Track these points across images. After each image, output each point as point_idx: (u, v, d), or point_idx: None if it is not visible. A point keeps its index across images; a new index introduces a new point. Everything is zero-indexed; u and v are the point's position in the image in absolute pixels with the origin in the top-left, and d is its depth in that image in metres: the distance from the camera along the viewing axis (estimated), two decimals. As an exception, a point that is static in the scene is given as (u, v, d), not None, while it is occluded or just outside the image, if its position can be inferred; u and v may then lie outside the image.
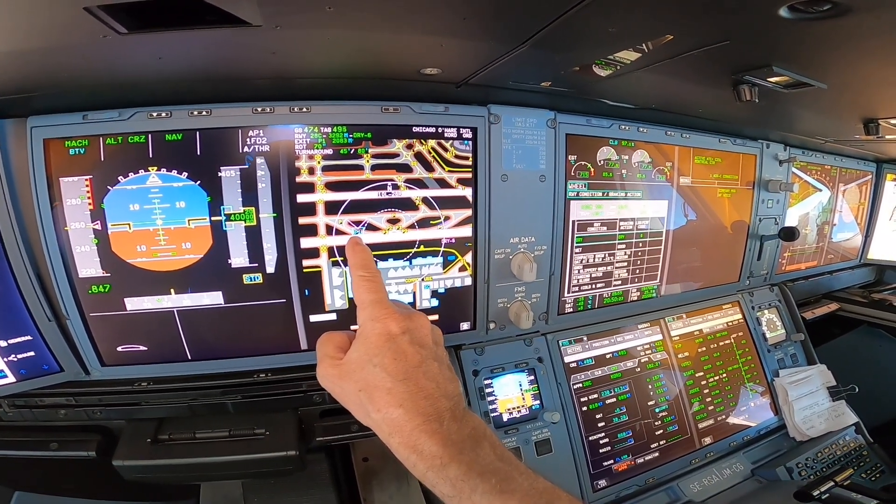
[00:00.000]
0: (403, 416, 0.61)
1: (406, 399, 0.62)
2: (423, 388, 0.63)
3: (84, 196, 1.03)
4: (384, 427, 0.62)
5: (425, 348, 0.67)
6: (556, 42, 0.84)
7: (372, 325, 0.67)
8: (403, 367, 0.64)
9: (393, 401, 0.61)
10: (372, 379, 0.63)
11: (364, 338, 0.67)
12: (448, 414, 0.62)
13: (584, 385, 1.52)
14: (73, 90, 0.93)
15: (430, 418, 0.61)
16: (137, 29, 0.68)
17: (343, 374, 0.66)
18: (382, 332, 0.66)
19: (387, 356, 0.64)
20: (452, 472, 0.59)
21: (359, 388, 0.64)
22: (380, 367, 0.63)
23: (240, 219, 1.10)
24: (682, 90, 1.19)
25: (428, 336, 0.69)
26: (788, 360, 1.96)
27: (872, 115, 1.41)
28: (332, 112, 1.13)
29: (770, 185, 1.87)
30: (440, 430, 0.60)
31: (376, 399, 0.62)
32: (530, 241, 1.38)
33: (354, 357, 0.66)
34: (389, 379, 0.63)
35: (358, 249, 0.75)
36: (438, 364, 0.67)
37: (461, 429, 0.62)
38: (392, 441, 0.62)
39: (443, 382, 0.65)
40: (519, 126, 1.30)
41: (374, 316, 0.67)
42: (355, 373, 0.65)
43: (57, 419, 1.21)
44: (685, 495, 1.51)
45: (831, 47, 0.84)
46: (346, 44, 0.83)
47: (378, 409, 0.62)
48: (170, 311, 1.12)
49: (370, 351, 0.65)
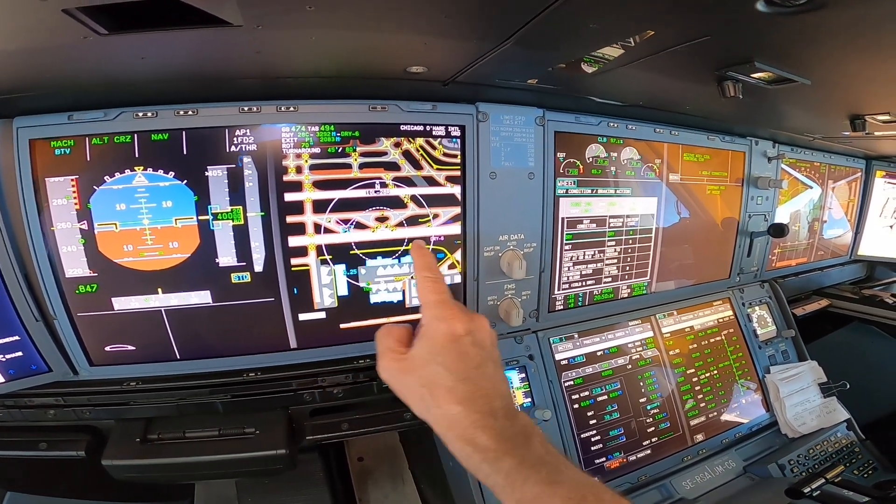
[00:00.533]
0: (462, 412, 0.65)
1: (465, 397, 0.66)
2: (482, 388, 0.68)
3: (70, 196, 1.03)
4: (442, 422, 0.67)
5: (485, 350, 0.72)
6: (539, 39, 0.84)
7: (437, 324, 0.71)
8: (465, 367, 0.68)
9: (453, 398, 0.66)
10: (435, 377, 0.68)
11: (429, 336, 0.71)
12: (502, 412, 0.67)
13: (575, 382, 1.53)
14: (58, 91, 0.94)
15: (485, 415, 0.65)
16: (117, 30, 0.68)
17: (406, 370, 0.71)
18: (448, 332, 0.70)
19: (450, 356, 0.69)
20: (506, 464, 0.63)
21: (421, 385, 0.69)
22: (443, 366, 0.68)
23: (227, 218, 1.10)
24: (668, 86, 1.19)
25: (487, 338, 0.74)
26: (779, 356, 1.96)
27: (858, 111, 1.42)
28: (320, 111, 1.13)
29: (759, 182, 1.87)
30: (495, 426, 0.65)
31: (437, 396, 0.67)
32: (520, 239, 1.38)
33: (419, 354, 0.71)
34: (451, 377, 0.67)
35: (422, 252, 0.81)
36: (494, 366, 0.72)
37: (513, 425, 0.67)
38: (449, 435, 0.66)
39: (498, 383, 0.71)
40: (507, 124, 1.30)
41: (441, 316, 0.72)
42: (419, 369, 0.70)
43: (46, 419, 1.20)
44: (677, 493, 1.51)
45: (811, 42, 0.84)
46: (329, 43, 0.84)
47: (438, 406, 0.67)
48: (157, 311, 1.12)
49: (435, 349, 0.70)
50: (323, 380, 1.28)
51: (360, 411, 1.34)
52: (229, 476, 1.59)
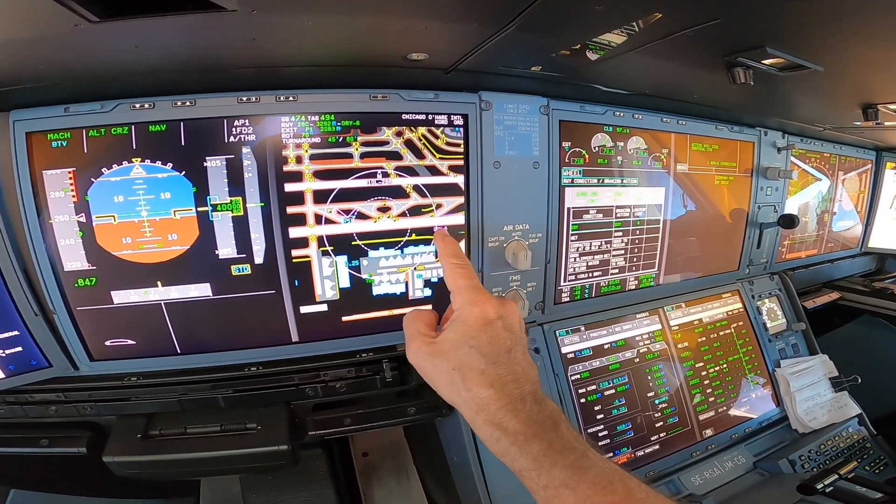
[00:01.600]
0: (492, 396, 0.66)
1: (496, 381, 0.67)
2: (512, 372, 0.68)
3: (68, 189, 1.01)
4: (472, 405, 0.67)
5: (515, 334, 0.72)
6: (542, 22, 0.82)
7: (470, 308, 0.72)
8: (496, 350, 0.69)
9: (484, 381, 0.67)
10: (467, 360, 0.69)
11: (462, 320, 0.71)
12: (531, 397, 0.67)
13: (581, 376, 1.50)
14: (53, 83, 0.92)
15: (514, 399, 0.66)
16: (108, 17, 0.67)
17: (437, 353, 0.72)
18: (481, 317, 0.71)
19: (483, 339, 0.69)
20: (535, 447, 0.63)
21: (452, 368, 0.69)
22: (475, 350, 0.69)
23: (226, 209, 1.09)
24: (676, 74, 1.16)
25: (517, 323, 0.74)
26: (790, 350, 1.93)
27: (871, 99, 1.39)
28: (320, 100, 1.11)
29: (769, 173, 1.84)
30: (524, 410, 0.65)
31: (469, 379, 0.67)
32: (524, 229, 1.36)
33: (451, 337, 0.71)
34: (483, 361, 0.68)
35: (448, 240, 0.82)
36: (523, 351, 0.73)
37: (542, 410, 0.67)
38: (478, 418, 0.67)
39: (527, 368, 0.71)
40: (511, 112, 1.28)
41: (473, 300, 0.72)
42: (450, 352, 0.70)
43: (47, 415, 1.20)
44: (686, 489, 1.49)
45: (825, 27, 0.82)
46: (326, 28, 0.82)
47: (469, 389, 0.67)
48: (157, 304, 1.11)
49: (468, 333, 0.70)
50: (325, 374, 1.27)
51: (363, 406, 1.32)
52: (231, 472, 1.58)
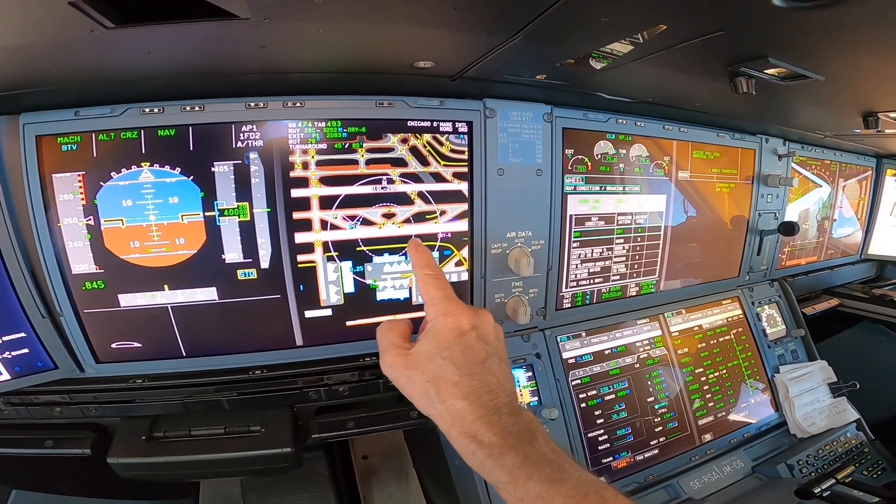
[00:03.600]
0: (467, 408, 0.65)
1: (470, 392, 0.66)
2: (487, 384, 0.67)
3: (77, 192, 1.02)
4: (447, 417, 0.66)
5: (489, 345, 0.72)
6: (549, 33, 0.83)
7: (444, 320, 0.71)
8: (470, 362, 0.68)
9: (458, 393, 0.66)
10: (440, 372, 0.68)
11: (435, 332, 0.71)
12: (506, 408, 0.67)
13: (582, 381, 1.51)
14: (64, 86, 0.93)
15: (490, 411, 0.65)
16: (124, 23, 0.67)
17: (411, 365, 0.71)
18: (454, 328, 0.70)
19: (456, 351, 0.69)
20: (510, 460, 0.62)
21: (427, 380, 0.68)
22: (449, 361, 0.68)
23: (233, 214, 1.10)
24: (679, 83, 1.17)
25: (492, 333, 0.74)
26: (789, 356, 1.95)
27: (871, 108, 1.40)
28: (326, 106, 1.12)
29: (769, 180, 1.85)
30: (499, 422, 0.65)
31: (443, 391, 0.67)
32: (527, 236, 1.37)
33: (425, 349, 0.70)
34: (457, 373, 0.67)
35: (420, 250, 0.81)
36: (499, 361, 0.72)
37: (518, 422, 0.66)
38: (453, 431, 0.66)
39: (503, 379, 0.70)
40: (515, 120, 1.29)
41: (446, 311, 0.72)
42: (424, 364, 0.69)
43: (52, 417, 1.20)
44: (685, 493, 1.50)
45: (827, 37, 0.83)
46: (336, 37, 0.83)
47: (443, 401, 0.66)
48: (164, 308, 1.12)
49: (441, 345, 0.69)
50: (329, 378, 1.27)
51: (366, 410, 1.33)
52: (235, 474, 1.58)
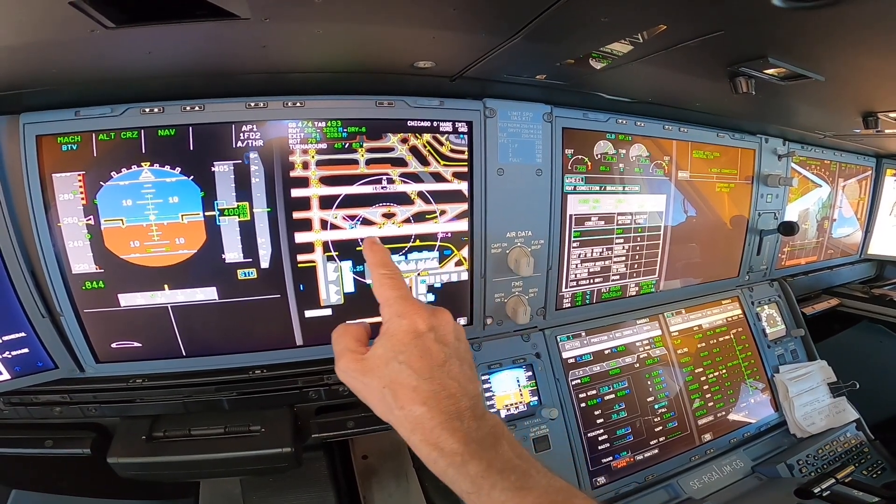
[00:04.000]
0: (426, 413, 0.61)
1: (430, 397, 0.62)
2: (447, 387, 0.63)
3: (77, 192, 1.02)
4: (406, 424, 0.62)
5: (449, 346, 0.67)
6: (549, 33, 0.83)
7: (399, 321, 0.67)
8: (428, 365, 0.64)
9: (417, 398, 0.62)
10: (397, 376, 0.63)
11: (390, 334, 0.66)
12: (469, 413, 0.63)
13: (582, 381, 1.51)
14: (64, 86, 0.93)
15: (451, 416, 0.61)
16: (124, 23, 0.67)
17: (367, 370, 0.66)
18: (409, 329, 0.66)
19: (413, 353, 0.64)
20: (472, 468, 0.59)
21: (383, 385, 0.64)
22: (405, 365, 0.64)
23: (234, 214, 1.10)
24: (679, 83, 1.18)
25: (451, 333, 0.69)
26: (788, 355, 1.95)
27: (871, 108, 1.40)
28: (327, 106, 1.12)
29: (769, 180, 1.86)
30: (461, 428, 0.61)
31: (400, 396, 0.62)
32: (527, 236, 1.37)
33: (380, 353, 0.66)
34: (415, 376, 0.63)
35: (376, 249, 0.75)
36: (460, 363, 0.67)
37: (481, 427, 0.63)
38: (413, 438, 0.62)
39: (464, 382, 0.65)
40: (515, 120, 1.29)
41: (401, 312, 0.67)
42: (379, 369, 0.65)
43: (52, 416, 1.20)
44: (685, 492, 1.50)
45: (827, 38, 0.83)
46: (336, 37, 0.83)
47: (401, 407, 0.62)
48: (164, 308, 1.12)
49: (396, 347, 0.65)
50: (329, 377, 1.27)
51: (366, 409, 1.30)
52: (235, 474, 1.58)
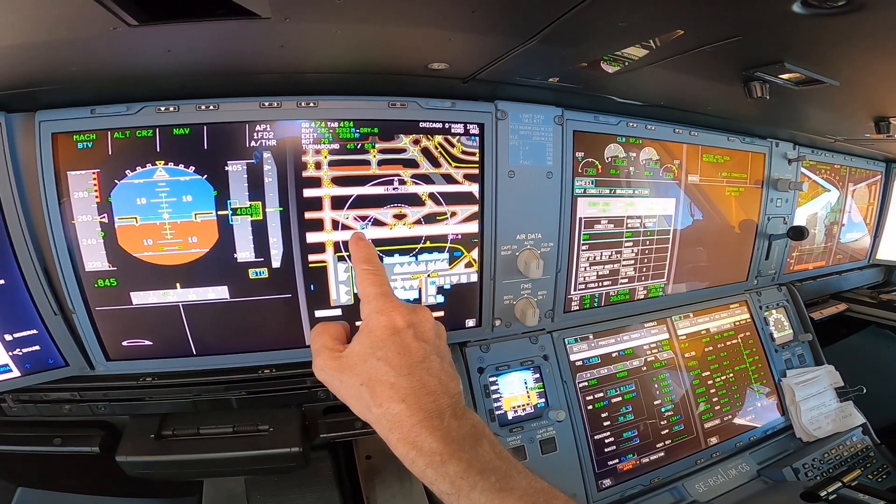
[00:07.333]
0: (405, 411, 0.60)
1: (408, 395, 0.61)
2: (426, 385, 0.62)
3: (91, 189, 1.03)
4: (384, 422, 0.61)
5: (429, 343, 0.66)
6: (564, 37, 0.83)
7: (377, 317, 0.66)
8: (407, 361, 0.63)
9: (395, 396, 0.60)
10: (375, 373, 0.62)
11: (369, 331, 0.65)
12: (449, 411, 0.62)
13: (589, 384, 1.52)
14: (81, 84, 0.93)
15: (431, 415, 0.60)
16: (147, 21, 0.68)
17: (344, 367, 0.65)
18: (388, 326, 0.65)
19: (391, 350, 0.63)
20: (452, 469, 0.58)
21: (360, 382, 0.63)
22: (383, 361, 0.62)
23: (246, 213, 1.10)
24: (692, 87, 1.18)
25: (431, 331, 0.68)
26: (796, 360, 1.94)
27: (884, 113, 1.40)
28: (339, 107, 1.12)
29: (779, 184, 1.85)
30: (441, 427, 0.60)
31: (378, 394, 0.61)
32: (537, 238, 1.37)
33: (357, 350, 0.65)
34: (393, 373, 0.62)
35: (361, 244, 0.74)
36: (440, 360, 0.66)
37: (461, 426, 0.61)
38: (391, 437, 0.61)
39: (445, 379, 0.64)
40: (526, 122, 1.29)
41: (380, 309, 0.66)
42: (357, 366, 0.64)
43: (61, 414, 1.21)
44: (690, 495, 1.50)
45: (845, 44, 0.83)
46: (354, 38, 0.83)
47: (379, 405, 0.61)
48: (175, 306, 1.12)
49: (374, 344, 0.64)
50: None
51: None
52: (243, 473, 1.59)
